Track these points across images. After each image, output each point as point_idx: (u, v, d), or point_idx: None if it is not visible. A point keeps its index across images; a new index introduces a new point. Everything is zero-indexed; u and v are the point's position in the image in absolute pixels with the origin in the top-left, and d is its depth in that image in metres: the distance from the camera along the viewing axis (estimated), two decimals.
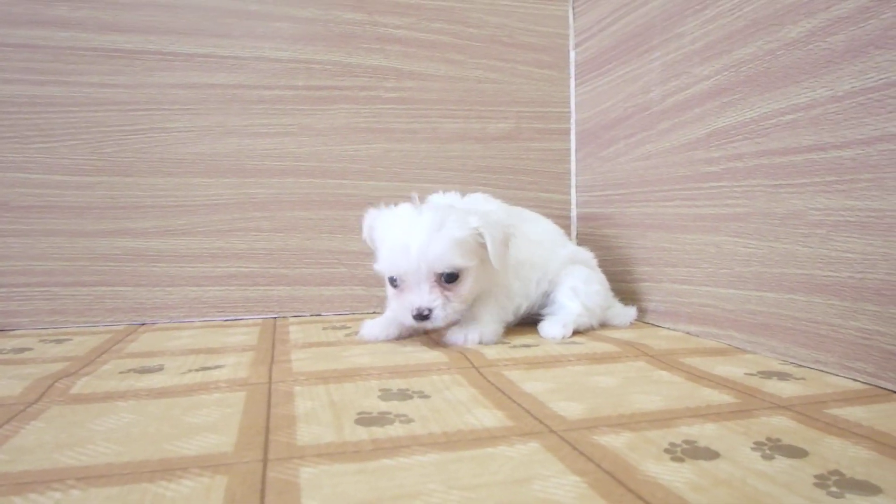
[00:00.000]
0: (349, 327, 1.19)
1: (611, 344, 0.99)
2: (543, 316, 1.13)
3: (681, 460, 0.52)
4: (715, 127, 1.03)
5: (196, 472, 0.50)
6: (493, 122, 1.49)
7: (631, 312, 1.22)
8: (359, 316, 1.34)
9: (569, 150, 1.55)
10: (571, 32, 1.54)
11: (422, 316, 0.93)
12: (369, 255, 1.39)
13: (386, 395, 0.71)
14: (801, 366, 0.84)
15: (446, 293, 0.95)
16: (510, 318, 1.09)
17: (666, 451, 0.54)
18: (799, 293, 0.86)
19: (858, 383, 0.75)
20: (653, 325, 1.19)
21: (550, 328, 1.07)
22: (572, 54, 1.54)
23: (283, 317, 1.34)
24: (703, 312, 1.06)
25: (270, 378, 0.78)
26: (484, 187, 1.47)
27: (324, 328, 1.19)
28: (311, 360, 0.89)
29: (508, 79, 1.50)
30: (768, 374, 0.79)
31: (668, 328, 1.15)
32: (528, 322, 1.15)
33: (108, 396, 0.71)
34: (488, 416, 0.63)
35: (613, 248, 1.35)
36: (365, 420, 0.62)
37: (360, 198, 1.39)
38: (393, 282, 0.97)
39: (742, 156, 0.97)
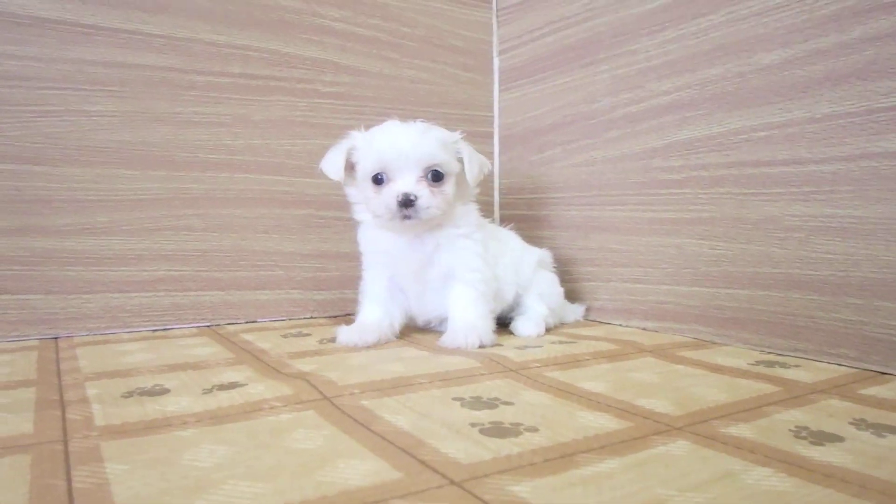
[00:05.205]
0: (309, 334, 1.12)
1: (609, 342, 1.03)
2: (512, 317, 1.16)
3: (813, 444, 0.57)
4: (675, 139, 1.11)
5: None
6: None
7: (580, 310, 1.29)
8: (296, 322, 1.26)
9: (492, 153, 1.58)
10: (495, 40, 1.57)
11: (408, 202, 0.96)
12: (307, 256, 1.33)
13: (465, 403, 0.69)
14: (780, 354, 0.94)
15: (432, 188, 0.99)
16: (492, 305, 1.08)
17: (792, 434, 0.59)
18: (774, 290, 0.96)
19: (844, 367, 0.86)
20: (601, 322, 1.27)
21: (526, 327, 1.11)
22: (496, 61, 1.58)
23: (217, 324, 1.22)
24: (661, 309, 1.15)
25: (326, 394, 0.72)
26: None
27: (283, 336, 1.10)
28: (326, 367, 0.83)
29: (438, 80, 1.50)
30: (768, 364, 0.88)
31: (621, 325, 1.23)
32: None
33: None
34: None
35: (551, 249, 1.41)
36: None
37: (297, 195, 1.31)
38: (377, 178, 1.00)
39: (708, 166, 1.06)
